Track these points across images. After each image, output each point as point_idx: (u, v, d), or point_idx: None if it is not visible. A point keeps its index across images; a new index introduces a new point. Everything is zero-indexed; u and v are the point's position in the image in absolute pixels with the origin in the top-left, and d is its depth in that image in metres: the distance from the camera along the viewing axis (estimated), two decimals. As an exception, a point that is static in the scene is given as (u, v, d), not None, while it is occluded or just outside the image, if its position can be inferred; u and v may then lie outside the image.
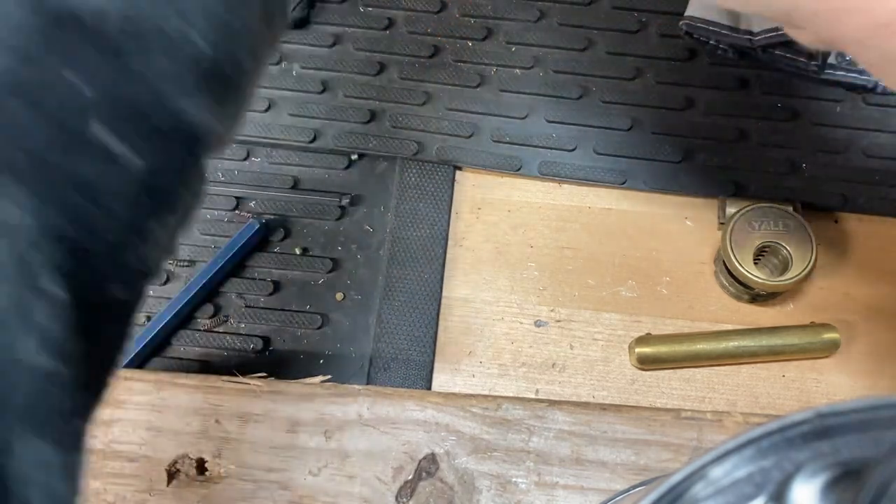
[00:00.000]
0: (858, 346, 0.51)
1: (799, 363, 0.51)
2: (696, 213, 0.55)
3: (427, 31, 0.59)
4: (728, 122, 0.56)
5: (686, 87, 0.57)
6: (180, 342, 0.53)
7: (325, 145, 0.57)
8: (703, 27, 0.56)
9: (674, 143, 0.56)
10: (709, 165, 0.55)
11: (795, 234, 0.49)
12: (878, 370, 0.50)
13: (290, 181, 0.57)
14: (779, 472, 0.24)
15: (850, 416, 0.25)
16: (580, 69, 0.58)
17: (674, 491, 0.25)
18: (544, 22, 0.59)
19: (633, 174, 0.55)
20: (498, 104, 0.57)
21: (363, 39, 0.60)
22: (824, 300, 0.52)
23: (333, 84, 0.59)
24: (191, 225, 0.29)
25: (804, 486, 0.23)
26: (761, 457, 0.25)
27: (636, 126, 0.56)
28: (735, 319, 0.52)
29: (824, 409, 0.25)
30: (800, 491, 0.23)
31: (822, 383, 0.50)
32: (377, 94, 0.58)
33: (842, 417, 0.25)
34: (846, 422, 0.25)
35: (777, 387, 0.50)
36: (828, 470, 0.23)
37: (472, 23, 0.60)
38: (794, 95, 0.57)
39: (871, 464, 0.20)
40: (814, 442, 0.25)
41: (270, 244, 0.55)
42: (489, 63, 0.59)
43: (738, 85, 0.57)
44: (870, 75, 0.55)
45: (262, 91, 0.58)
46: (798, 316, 0.52)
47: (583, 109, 0.57)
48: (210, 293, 0.54)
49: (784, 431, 0.25)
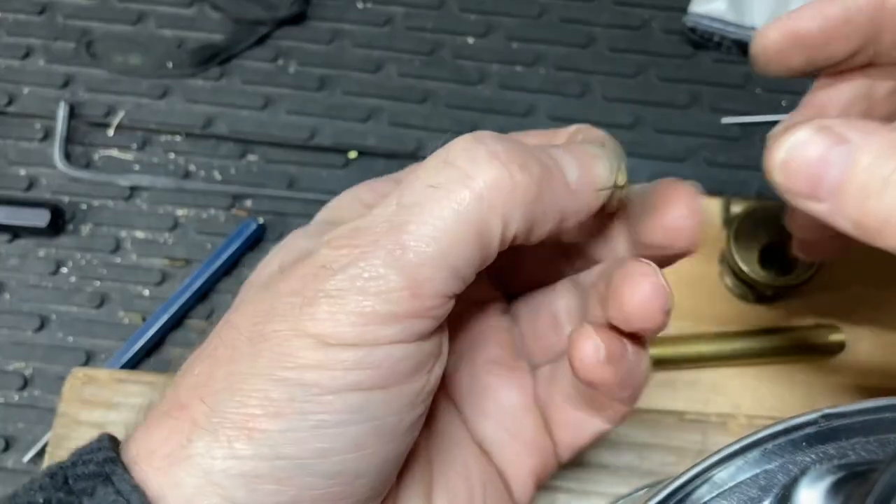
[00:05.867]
0: (864, 346, 0.50)
1: (804, 364, 0.50)
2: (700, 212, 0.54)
3: (426, 27, 0.59)
4: (732, 120, 0.55)
5: (690, 83, 0.57)
6: (175, 343, 0.53)
7: (323, 143, 0.57)
8: (707, 23, 0.55)
9: (677, 141, 0.55)
10: (713, 163, 0.54)
11: (801, 233, 0.48)
12: (884, 371, 0.50)
13: (288, 180, 0.56)
14: (784, 475, 0.24)
15: (856, 418, 0.25)
16: (582, 66, 0.57)
17: (678, 494, 0.25)
18: (545, 18, 0.59)
19: (636, 172, 0.54)
20: (499, 101, 0.57)
21: (361, 36, 0.59)
22: (830, 301, 0.51)
23: (331, 81, 0.58)
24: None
25: (810, 489, 0.22)
26: (766, 460, 0.24)
27: (639, 123, 0.56)
28: (740, 320, 0.51)
29: (830, 411, 0.25)
30: (805, 494, 0.22)
31: (828, 385, 0.50)
32: (376, 92, 0.58)
33: (847, 419, 0.25)
34: (852, 424, 0.25)
35: (782, 388, 0.50)
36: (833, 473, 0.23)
37: (472, 19, 0.59)
38: (798, 92, 0.56)
39: (878, 466, 0.19)
40: (819, 444, 0.24)
41: (267, 243, 0.55)
42: (489, 60, 0.58)
43: (742, 81, 0.56)
44: (876, 72, 0.55)
45: (259, 89, 0.58)
46: (803, 316, 0.51)
47: (585, 107, 0.57)
48: (205, 293, 0.53)
49: (789, 434, 0.25)
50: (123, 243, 0.55)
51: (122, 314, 0.54)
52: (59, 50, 0.59)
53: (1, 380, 0.52)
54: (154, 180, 0.56)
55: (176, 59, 0.58)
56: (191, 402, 0.24)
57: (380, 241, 0.23)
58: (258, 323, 0.24)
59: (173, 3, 0.60)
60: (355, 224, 0.24)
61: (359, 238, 0.24)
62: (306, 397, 0.23)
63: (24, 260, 0.55)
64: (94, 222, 0.55)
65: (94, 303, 0.54)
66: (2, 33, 0.60)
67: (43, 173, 0.56)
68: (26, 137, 0.57)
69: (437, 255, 0.23)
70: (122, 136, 0.57)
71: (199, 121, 0.57)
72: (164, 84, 0.58)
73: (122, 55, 0.59)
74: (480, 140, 0.24)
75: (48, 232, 0.54)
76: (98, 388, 0.44)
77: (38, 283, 0.54)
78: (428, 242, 0.23)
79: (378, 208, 0.24)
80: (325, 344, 0.23)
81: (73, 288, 0.54)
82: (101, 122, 0.57)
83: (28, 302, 0.54)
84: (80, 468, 0.25)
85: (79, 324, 0.54)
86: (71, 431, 0.43)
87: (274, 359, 0.23)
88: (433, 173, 0.24)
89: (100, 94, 0.58)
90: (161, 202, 0.56)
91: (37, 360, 0.53)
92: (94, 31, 0.60)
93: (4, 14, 0.60)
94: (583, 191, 0.26)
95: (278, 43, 0.59)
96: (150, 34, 0.60)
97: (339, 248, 0.24)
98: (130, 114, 0.58)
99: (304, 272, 0.24)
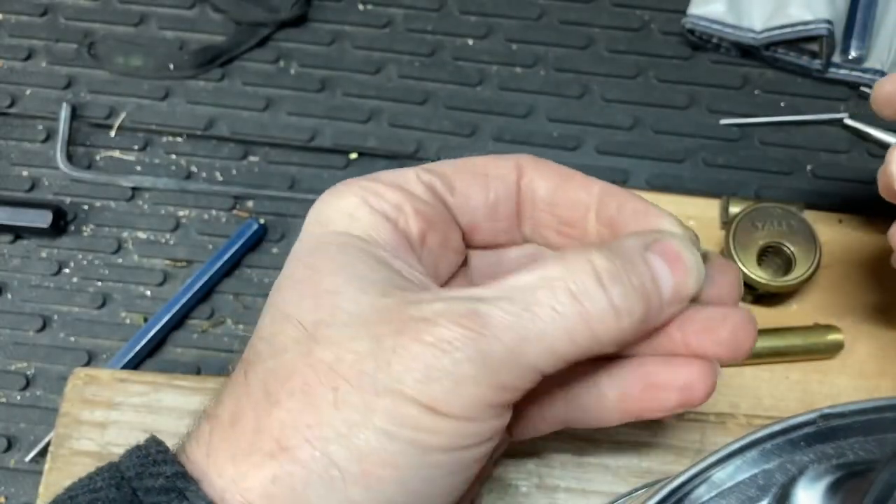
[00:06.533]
0: (862, 347, 0.50)
1: (803, 364, 0.50)
2: (699, 213, 0.54)
3: (426, 29, 0.59)
4: (731, 121, 0.55)
5: (688, 85, 0.57)
6: (176, 343, 0.53)
7: (324, 144, 0.57)
8: (706, 25, 0.55)
9: (676, 142, 0.55)
10: (711, 164, 0.55)
11: (799, 234, 0.48)
12: (883, 371, 0.50)
13: (289, 181, 0.56)
14: (782, 475, 0.24)
15: (854, 417, 0.25)
16: (581, 67, 0.58)
17: (677, 493, 0.25)
18: (545, 20, 0.59)
19: (635, 173, 0.55)
20: (498, 103, 0.57)
21: (362, 38, 0.59)
22: (828, 301, 0.52)
23: (332, 83, 0.58)
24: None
25: (808, 488, 0.23)
26: (765, 459, 0.25)
27: (638, 125, 0.56)
28: (738, 320, 0.51)
29: (828, 410, 0.25)
30: (804, 493, 0.23)
31: (826, 385, 0.50)
32: (376, 93, 0.58)
33: (846, 419, 0.25)
34: (850, 423, 0.25)
35: (781, 388, 0.50)
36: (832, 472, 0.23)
37: (472, 21, 0.59)
38: (797, 94, 0.56)
39: (876, 466, 0.20)
40: (818, 444, 0.25)
41: (268, 244, 0.55)
42: (489, 61, 0.58)
43: (740, 83, 0.56)
44: (874, 74, 0.55)
45: (260, 90, 0.58)
46: (802, 317, 0.51)
47: (584, 108, 0.57)
48: (207, 294, 0.54)
49: (788, 433, 0.25)
50: (125, 244, 0.55)
51: (123, 314, 0.54)
52: (61, 51, 0.59)
53: (3, 380, 0.53)
54: (156, 181, 0.56)
55: (177, 60, 0.58)
56: (295, 444, 0.25)
57: (500, 336, 0.26)
58: (364, 374, 0.26)
59: (175, 5, 0.60)
60: (475, 307, 0.26)
61: (479, 322, 0.26)
62: (419, 454, 0.25)
63: (27, 260, 0.55)
64: (95, 223, 0.55)
65: (96, 303, 0.54)
66: (4, 35, 0.60)
67: (45, 174, 0.57)
68: (28, 138, 0.58)
69: (545, 366, 0.26)
70: (123, 138, 0.58)
71: (201, 122, 0.57)
72: (165, 85, 0.58)
73: (123, 56, 0.59)
74: (600, 282, 0.27)
75: (50, 232, 0.54)
76: (100, 388, 0.44)
77: (40, 284, 0.54)
78: (540, 354, 0.26)
79: (498, 295, 0.26)
80: (438, 413, 0.25)
81: (75, 288, 0.54)
82: (102, 124, 0.58)
83: (30, 302, 0.54)
84: (148, 481, 0.26)
85: (81, 324, 0.54)
86: (73, 431, 0.43)
87: (390, 418, 0.25)
88: (560, 298, 0.26)
89: (102, 95, 0.58)
90: (163, 203, 0.56)
91: (39, 360, 0.53)
92: (95, 32, 0.60)
93: (6, 15, 0.60)
94: (670, 309, 0.28)
95: (279, 44, 0.59)
96: (152, 36, 0.60)
97: (460, 327, 0.26)
98: (132, 115, 0.58)
99: (419, 336, 0.26)
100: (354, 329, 0.27)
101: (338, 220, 0.31)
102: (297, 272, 0.30)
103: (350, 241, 0.29)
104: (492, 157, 0.33)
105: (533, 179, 0.32)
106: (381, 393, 0.25)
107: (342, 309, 0.27)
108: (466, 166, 0.32)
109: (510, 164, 0.32)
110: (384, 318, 0.26)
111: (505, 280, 0.27)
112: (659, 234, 0.29)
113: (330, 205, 0.32)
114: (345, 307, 0.27)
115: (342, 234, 0.30)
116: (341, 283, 0.28)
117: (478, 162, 0.33)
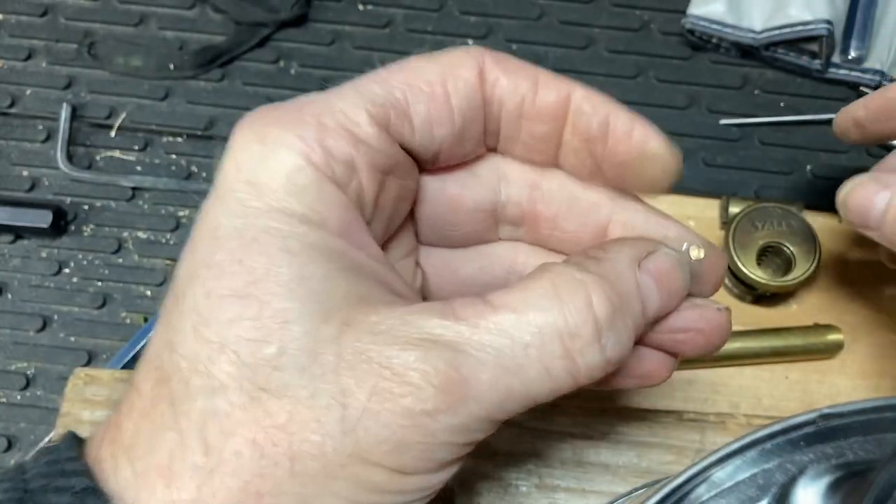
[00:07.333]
0: (862, 347, 0.50)
1: (802, 364, 0.50)
2: (699, 213, 0.54)
3: (426, 29, 0.59)
4: (730, 121, 0.55)
5: (688, 85, 0.57)
6: (177, 343, 0.53)
7: (324, 144, 0.57)
8: (706, 25, 0.55)
9: (676, 142, 0.55)
10: (711, 164, 0.55)
11: (799, 234, 0.48)
12: (882, 371, 0.50)
13: (289, 181, 0.56)
14: (782, 475, 0.24)
15: (854, 417, 0.25)
16: (581, 67, 0.58)
17: (677, 493, 0.25)
18: (545, 20, 0.59)
19: (635, 173, 0.55)
20: (498, 103, 0.57)
21: (362, 38, 0.59)
22: (828, 301, 0.51)
23: (332, 83, 0.57)
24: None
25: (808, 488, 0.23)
26: (764, 459, 0.25)
27: (638, 125, 0.56)
28: (738, 320, 0.51)
29: (828, 410, 0.25)
30: (803, 493, 0.22)
31: (826, 385, 0.50)
32: (376, 93, 0.58)
33: (845, 419, 0.25)
34: (850, 423, 0.25)
35: (780, 388, 0.50)
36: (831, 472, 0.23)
37: (472, 21, 0.59)
38: (797, 94, 0.56)
39: (875, 465, 0.20)
40: (817, 444, 0.25)
41: (268, 244, 0.55)
42: (489, 61, 0.58)
43: (740, 83, 0.56)
44: (873, 74, 0.55)
45: (261, 90, 0.58)
46: (801, 317, 0.51)
47: (584, 108, 0.57)
48: (207, 293, 0.54)
49: (787, 433, 0.25)
50: (125, 244, 0.55)
51: (124, 314, 0.54)
52: (61, 51, 0.59)
53: (3, 380, 0.53)
54: (156, 181, 0.56)
55: (178, 60, 0.58)
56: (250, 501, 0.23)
57: (482, 398, 0.23)
58: (327, 438, 0.23)
59: (175, 5, 0.60)
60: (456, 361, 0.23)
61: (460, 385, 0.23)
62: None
63: (27, 260, 0.55)
64: (96, 223, 0.56)
65: (97, 303, 0.54)
66: (4, 35, 0.60)
67: (45, 174, 0.57)
68: (29, 138, 0.58)
69: (510, 411, 0.25)
70: (124, 138, 0.58)
71: (201, 122, 0.57)
72: (165, 85, 0.58)
73: (124, 57, 0.59)
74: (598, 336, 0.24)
75: (50, 232, 0.54)
76: (100, 387, 0.44)
77: (40, 284, 0.54)
78: (519, 408, 0.25)
79: (482, 342, 0.23)
80: (405, 473, 0.23)
81: (76, 288, 0.54)
82: (103, 124, 0.58)
83: (30, 302, 0.54)
84: (53, 496, 0.22)
85: (81, 324, 0.54)
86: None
87: (354, 486, 0.23)
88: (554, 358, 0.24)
89: (102, 95, 0.58)
90: (163, 203, 0.56)
91: (39, 360, 0.53)
92: (96, 32, 0.60)
93: (7, 15, 0.60)
94: (647, 327, 0.27)
95: (279, 44, 0.59)
96: (152, 36, 0.60)
97: (441, 393, 0.23)
98: (132, 115, 0.58)
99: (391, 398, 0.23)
100: (311, 377, 0.23)
101: (274, 186, 0.24)
102: (225, 266, 0.24)
103: (295, 230, 0.23)
104: (447, 62, 0.27)
105: (498, 83, 0.28)
106: (345, 463, 0.23)
107: (295, 347, 0.23)
108: (420, 82, 0.26)
109: (471, 69, 0.27)
110: (348, 361, 0.23)
111: (489, 315, 0.24)
112: (653, 244, 0.28)
113: (262, 160, 0.24)
114: (298, 345, 0.23)
115: (282, 213, 0.24)
116: (294, 310, 0.23)
117: (433, 74, 0.26)
